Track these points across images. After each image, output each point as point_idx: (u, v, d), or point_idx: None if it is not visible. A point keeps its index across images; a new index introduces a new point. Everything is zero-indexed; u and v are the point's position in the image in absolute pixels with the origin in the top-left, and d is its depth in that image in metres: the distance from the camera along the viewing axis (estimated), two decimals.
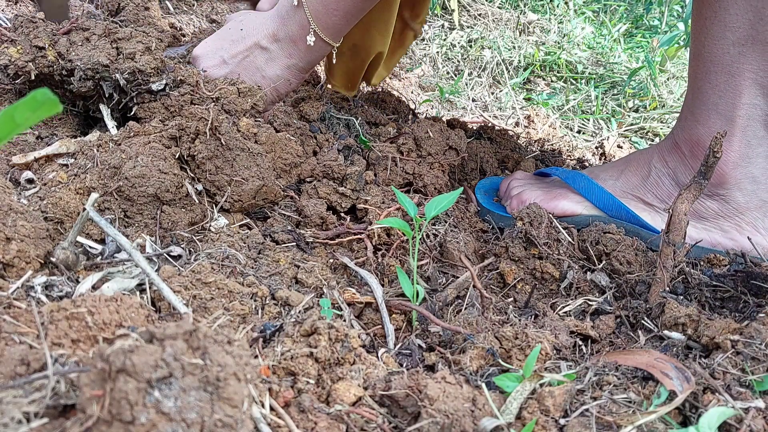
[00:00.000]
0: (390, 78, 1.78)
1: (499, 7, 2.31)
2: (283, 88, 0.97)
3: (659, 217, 0.94)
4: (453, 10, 2.19)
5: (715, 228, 0.91)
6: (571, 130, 1.73)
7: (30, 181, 0.77)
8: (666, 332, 0.68)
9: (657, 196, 0.94)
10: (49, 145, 0.83)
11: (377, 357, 0.64)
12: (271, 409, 0.51)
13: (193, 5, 1.81)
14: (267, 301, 0.66)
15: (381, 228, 0.83)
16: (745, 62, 0.83)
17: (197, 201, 0.78)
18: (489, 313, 0.74)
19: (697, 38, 0.89)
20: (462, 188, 0.80)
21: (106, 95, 0.87)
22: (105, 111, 0.89)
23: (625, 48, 2.25)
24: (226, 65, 0.95)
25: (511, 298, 0.82)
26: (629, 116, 1.84)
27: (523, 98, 1.88)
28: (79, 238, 0.69)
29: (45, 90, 0.36)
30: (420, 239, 0.84)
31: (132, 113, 0.87)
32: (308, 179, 0.91)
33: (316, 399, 0.54)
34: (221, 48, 0.96)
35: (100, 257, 0.68)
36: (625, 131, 1.76)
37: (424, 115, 1.55)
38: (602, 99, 1.92)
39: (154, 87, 0.86)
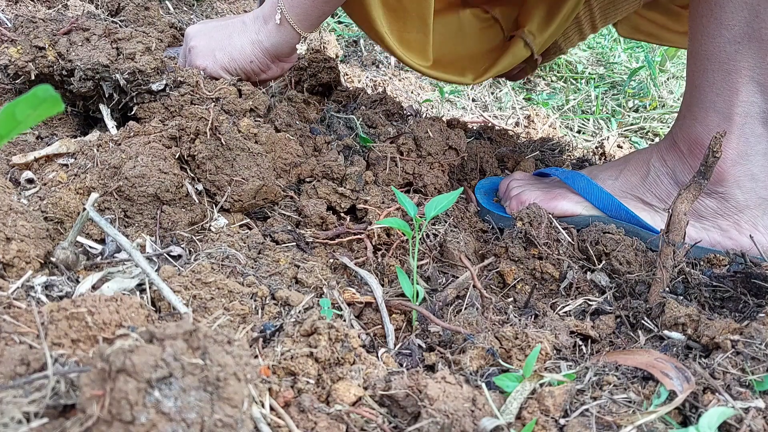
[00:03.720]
0: (390, 78, 1.78)
1: None
2: (241, 59, 0.97)
3: (659, 216, 0.94)
4: None
5: (713, 227, 0.91)
6: (571, 130, 1.73)
7: (30, 181, 0.77)
8: (666, 332, 0.68)
9: (656, 195, 0.94)
10: (49, 145, 0.83)
11: (377, 357, 0.64)
12: (271, 409, 0.51)
13: (193, 5, 1.81)
14: (267, 301, 0.66)
15: (381, 228, 0.83)
16: (741, 60, 0.83)
17: (197, 201, 0.78)
18: (489, 313, 0.74)
19: (693, 36, 0.89)
20: (462, 188, 0.80)
21: (106, 95, 0.87)
22: (105, 111, 0.89)
23: (625, 48, 2.25)
24: (207, 31, 1.00)
25: (511, 298, 0.82)
26: (629, 116, 1.84)
27: (523, 98, 1.88)
28: (79, 238, 0.69)
29: (46, 86, 0.36)
30: (420, 239, 0.84)
31: (132, 113, 0.87)
32: (308, 179, 0.91)
33: (316, 399, 0.54)
34: (214, 20, 1.03)
35: (100, 257, 0.68)
36: (625, 131, 1.76)
37: (424, 115, 1.55)
38: (602, 99, 1.92)
39: (154, 87, 0.86)
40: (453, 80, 1.23)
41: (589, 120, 1.78)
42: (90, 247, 0.69)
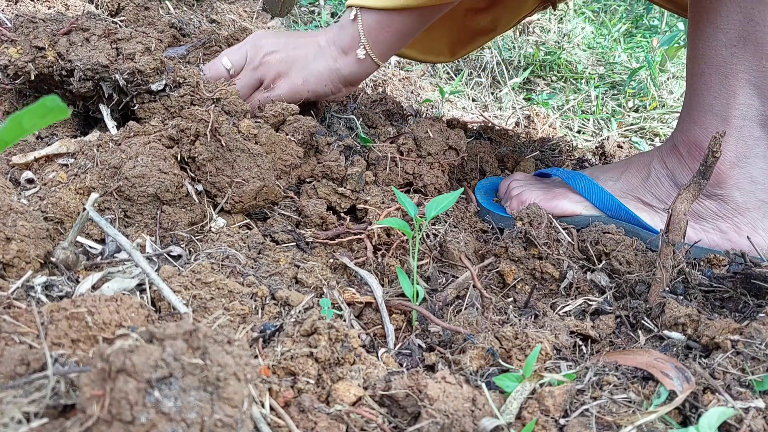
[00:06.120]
0: (390, 77, 1.78)
1: None
2: (315, 83, 0.97)
3: (658, 217, 0.94)
4: None
5: (713, 229, 0.91)
6: (571, 130, 1.73)
7: (30, 181, 0.77)
8: (666, 332, 0.68)
9: (656, 196, 0.94)
10: (49, 145, 0.83)
11: (377, 357, 0.64)
12: (271, 409, 0.51)
13: (193, 5, 1.81)
14: (267, 301, 0.66)
15: (381, 228, 0.83)
16: (737, 63, 0.84)
17: (197, 201, 0.78)
18: (489, 313, 0.74)
19: (691, 40, 0.90)
20: (462, 188, 0.80)
21: (106, 95, 0.87)
22: (105, 111, 0.89)
23: (625, 48, 2.25)
24: (281, 47, 0.99)
25: (511, 298, 0.82)
26: (629, 116, 1.84)
27: (523, 98, 1.88)
28: (79, 238, 0.69)
29: (54, 97, 0.37)
30: (420, 239, 0.84)
31: (132, 113, 0.87)
32: (308, 180, 0.91)
33: (316, 399, 0.54)
34: (285, 36, 1.02)
35: (100, 257, 0.68)
36: (625, 131, 1.76)
37: (424, 115, 1.55)
38: (602, 99, 1.92)
39: (153, 87, 0.86)
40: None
41: (589, 120, 1.78)
42: (90, 247, 0.69)
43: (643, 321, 0.73)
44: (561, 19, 2.32)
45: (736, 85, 0.85)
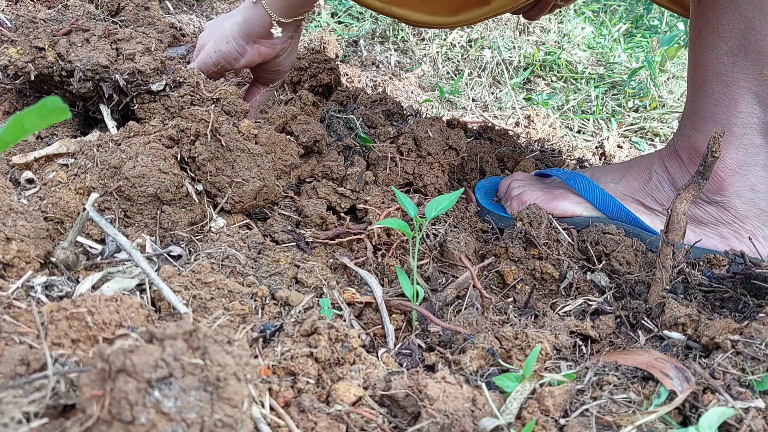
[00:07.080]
0: (390, 78, 1.78)
1: None
2: (219, 40, 0.96)
3: (659, 220, 0.94)
4: None
5: (714, 234, 0.91)
6: (571, 130, 1.73)
7: (30, 181, 0.77)
8: (666, 332, 0.68)
9: (657, 200, 0.94)
10: (49, 145, 0.83)
11: (377, 357, 0.64)
12: (271, 409, 0.51)
13: (193, 5, 1.81)
14: (267, 301, 0.66)
15: (381, 228, 0.83)
16: (739, 71, 0.84)
17: (197, 201, 0.78)
18: (489, 313, 0.74)
19: (693, 48, 0.90)
20: (462, 189, 0.80)
21: (106, 96, 0.87)
22: (105, 111, 0.89)
23: (625, 48, 2.25)
24: (213, 22, 1.01)
25: (511, 298, 0.82)
26: (629, 116, 1.84)
27: (523, 98, 1.88)
28: (79, 238, 0.69)
29: (55, 98, 0.37)
30: (420, 239, 0.84)
31: (132, 113, 0.87)
32: (308, 180, 0.91)
33: (316, 399, 0.54)
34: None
35: (100, 257, 0.68)
36: (625, 131, 1.76)
37: (424, 115, 1.55)
38: (602, 99, 1.92)
39: (153, 87, 0.86)
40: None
41: (589, 120, 1.78)
42: (90, 247, 0.69)
43: (643, 321, 0.73)
44: (561, 19, 2.32)
45: (737, 93, 0.85)
